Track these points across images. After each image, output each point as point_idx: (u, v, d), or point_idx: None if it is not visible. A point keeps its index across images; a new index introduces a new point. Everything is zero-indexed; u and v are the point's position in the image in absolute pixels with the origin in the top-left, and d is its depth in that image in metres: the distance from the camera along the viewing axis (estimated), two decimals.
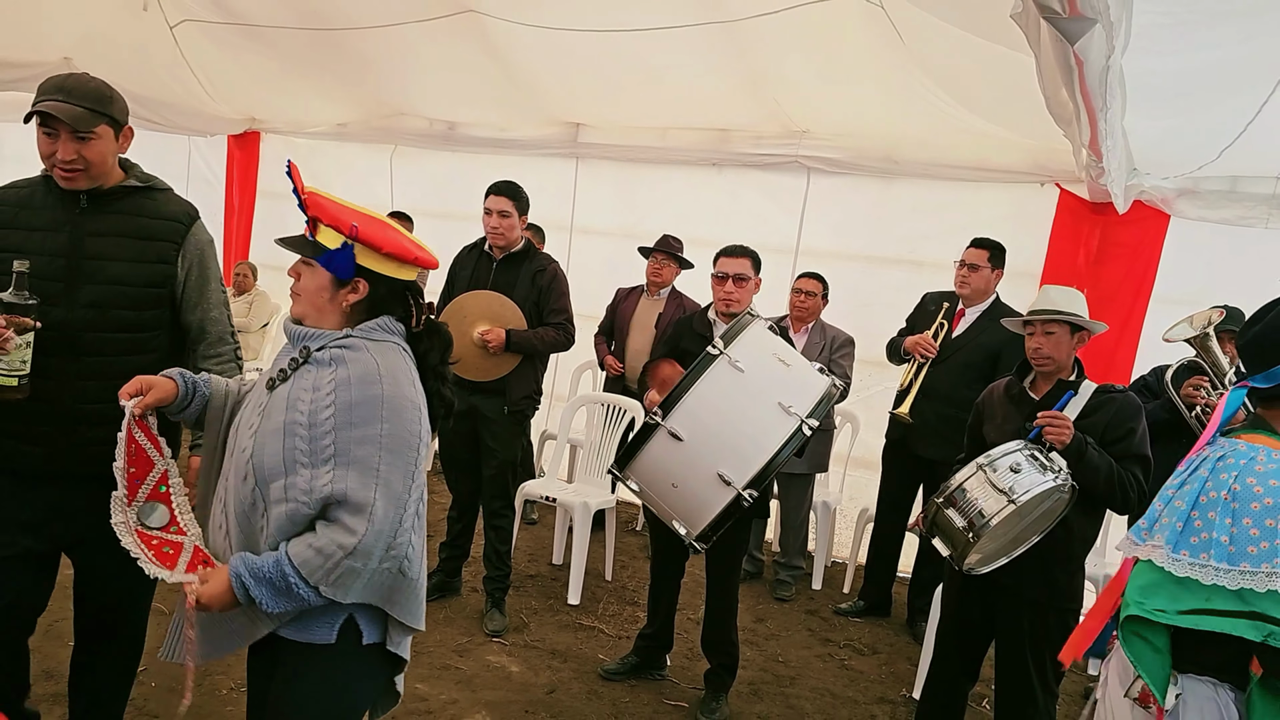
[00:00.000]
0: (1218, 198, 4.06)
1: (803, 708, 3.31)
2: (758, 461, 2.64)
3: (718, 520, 2.68)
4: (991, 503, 2.46)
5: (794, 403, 2.67)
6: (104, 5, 5.08)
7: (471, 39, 4.73)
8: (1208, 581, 1.66)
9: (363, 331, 1.69)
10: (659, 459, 2.71)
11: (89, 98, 2.07)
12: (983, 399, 2.87)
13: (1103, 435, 2.54)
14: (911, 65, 3.88)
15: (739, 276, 3.19)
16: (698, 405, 2.68)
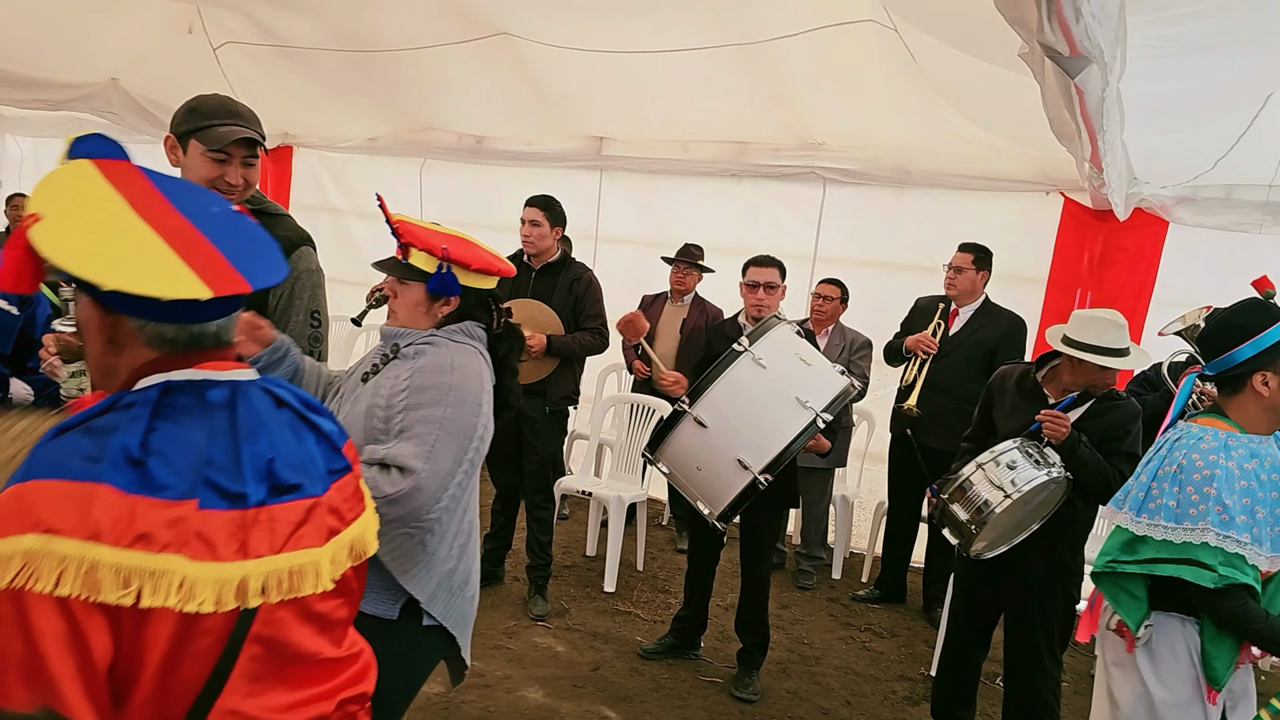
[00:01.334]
0: (1214, 205, 4.29)
1: (828, 684, 3.56)
2: (773, 449, 2.93)
3: (736, 501, 2.98)
4: (991, 496, 2.72)
5: (811, 398, 2.95)
6: (151, 28, 5.35)
7: (501, 58, 4.99)
8: (1159, 538, 2.10)
9: (446, 332, 1.89)
10: (685, 443, 3.02)
11: (254, 121, 2.12)
12: (994, 381, 3.10)
13: (1102, 436, 2.78)
14: (923, 83, 4.13)
15: (769, 285, 3.44)
16: (721, 396, 2.97)
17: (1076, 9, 1.75)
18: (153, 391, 1.08)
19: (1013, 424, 2.89)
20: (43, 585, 0.93)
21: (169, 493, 1.01)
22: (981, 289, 4.23)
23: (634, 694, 3.29)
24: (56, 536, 0.95)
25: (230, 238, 1.14)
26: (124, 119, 5.88)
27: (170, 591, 0.99)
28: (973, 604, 3.01)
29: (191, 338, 1.11)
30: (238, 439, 1.10)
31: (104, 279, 1.00)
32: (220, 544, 1.04)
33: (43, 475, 0.99)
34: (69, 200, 1.09)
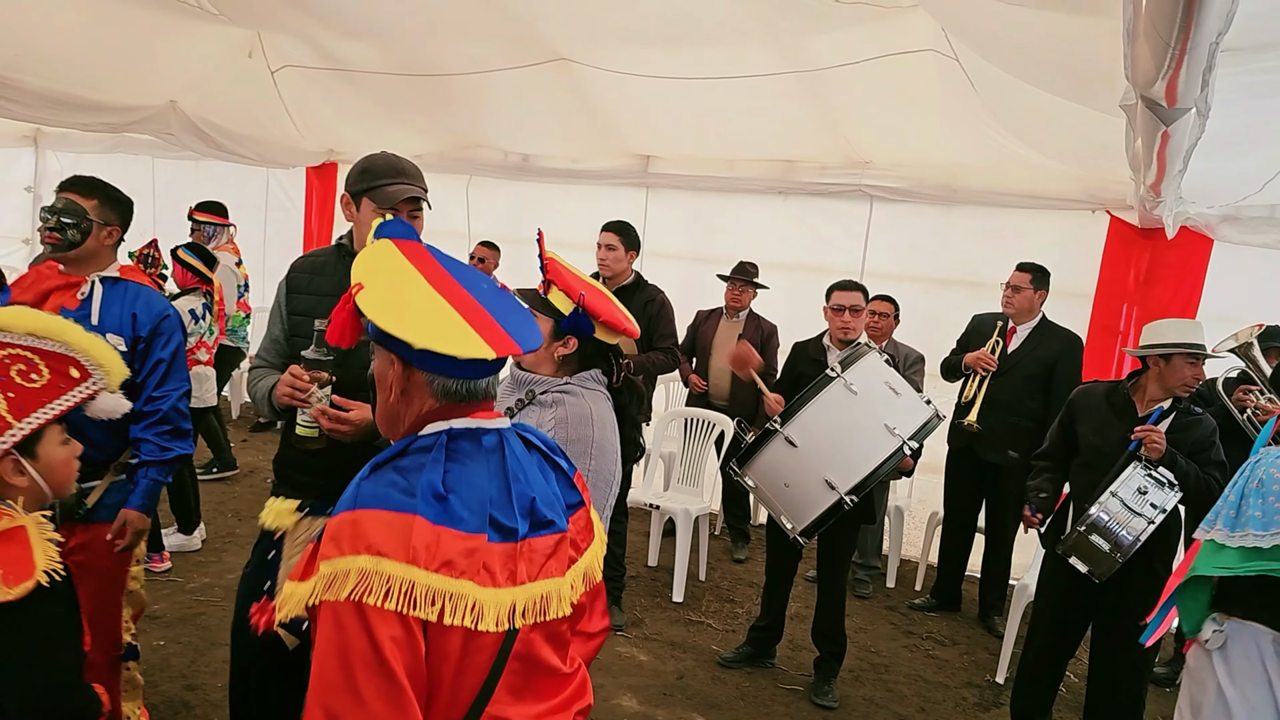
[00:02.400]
0: (1258, 223, 4.43)
1: (901, 691, 3.70)
2: (861, 471, 3.10)
3: (820, 519, 3.14)
4: (1133, 525, 2.86)
5: (899, 425, 3.10)
6: (212, 52, 5.49)
7: (553, 80, 5.12)
8: (1250, 545, 2.29)
9: (579, 380, 1.94)
10: (775, 460, 3.17)
11: (419, 179, 2.22)
12: (1077, 399, 3.24)
13: (1191, 449, 2.94)
14: (979, 108, 4.27)
15: (854, 308, 3.59)
16: (813, 417, 3.13)
17: (1192, 76, 1.89)
18: (442, 437, 1.26)
19: (1104, 439, 3.03)
20: (373, 599, 1.11)
21: (466, 526, 1.19)
22: (1039, 308, 4.37)
23: (721, 701, 3.43)
24: (384, 558, 1.13)
25: (501, 307, 1.33)
26: (181, 140, 6.02)
27: (466, 612, 1.16)
28: (1062, 615, 3.14)
29: (469, 390, 1.30)
30: (508, 480, 1.27)
31: (415, 339, 1.20)
32: (498, 572, 1.21)
33: (370, 505, 1.17)
34: (381, 273, 1.30)
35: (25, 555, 1.40)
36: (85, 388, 1.59)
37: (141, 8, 4.51)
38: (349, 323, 1.32)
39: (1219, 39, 1.65)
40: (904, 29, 3.86)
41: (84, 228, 2.47)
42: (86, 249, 2.49)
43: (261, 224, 7.70)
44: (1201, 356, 3.00)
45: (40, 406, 1.50)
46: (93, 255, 2.51)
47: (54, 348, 1.56)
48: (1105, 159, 4.23)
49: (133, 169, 8.19)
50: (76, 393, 1.57)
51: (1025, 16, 2.77)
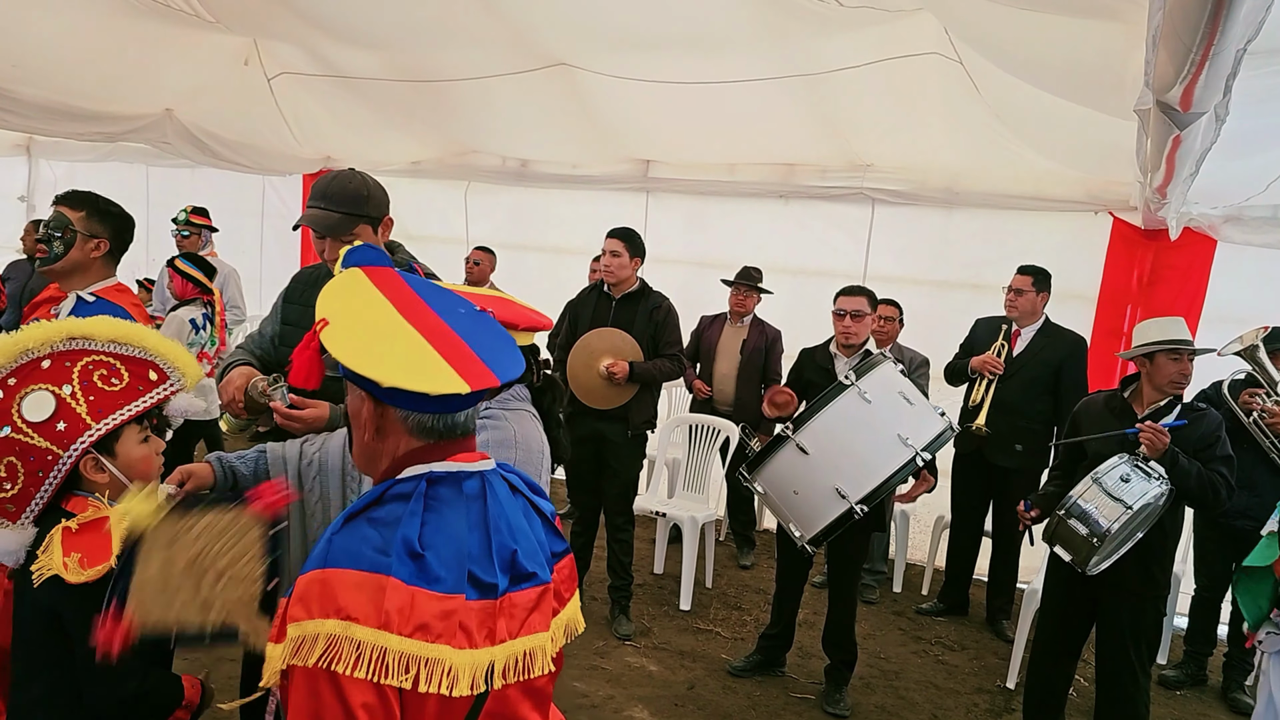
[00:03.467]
0: (1261, 224, 4.44)
1: (912, 698, 3.68)
2: (872, 481, 3.08)
3: (829, 528, 3.12)
4: (1110, 510, 2.84)
5: (912, 436, 3.08)
6: (208, 60, 5.44)
7: (552, 86, 5.09)
8: None
9: (499, 403, 1.86)
10: (785, 467, 3.15)
11: (347, 202, 2.27)
12: (1079, 410, 3.24)
13: (1196, 445, 2.92)
14: (981, 110, 4.26)
15: (855, 313, 3.57)
16: (825, 426, 3.11)
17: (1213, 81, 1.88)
18: (421, 484, 1.19)
19: (1106, 444, 3.02)
20: (342, 667, 1.05)
21: (442, 586, 1.12)
22: (1042, 310, 4.37)
23: (733, 711, 3.41)
24: (354, 624, 1.06)
25: (478, 336, 1.26)
26: (178, 148, 5.98)
27: (441, 678, 1.09)
28: (1064, 618, 3.13)
29: (446, 426, 1.23)
30: (489, 530, 1.20)
31: (382, 377, 1.13)
32: (474, 632, 1.14)
33: (340, 564, 1.10)
34: (348, 306, 1.23)
35: (105, 543, 1.50)
36: (162, 389, 1.67)
37: (137, 17, 4.47)
38: (313, 361, 1.26)
39: (1247, 44, 1.63)
40: (907, 32, 3.85)
41: (68, 239, 2.44)
42: (71, 260, 2.45)
43: (258, 231, 7.66)
44: (1183, 351, 2.99)
45: (118, 408, 1.60)
46: (78, 268, 2.47)
47: (134, 353, 1.66)
48: (1108, 160, 4.24)
49: (127, 177, 8.14)
50: (154, 394, 1.65)
51: (1032, 20, 2.76)
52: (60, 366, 1.58)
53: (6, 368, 1.57)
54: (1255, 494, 3.83)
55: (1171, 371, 3.00)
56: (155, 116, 5.79)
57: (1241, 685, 3.99)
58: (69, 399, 1.56)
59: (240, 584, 1.54)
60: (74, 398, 1.56)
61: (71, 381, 1.57)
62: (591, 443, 3.99)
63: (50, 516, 1.58)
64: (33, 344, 1.58)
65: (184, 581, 1.51)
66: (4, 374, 1.56)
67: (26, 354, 1.57)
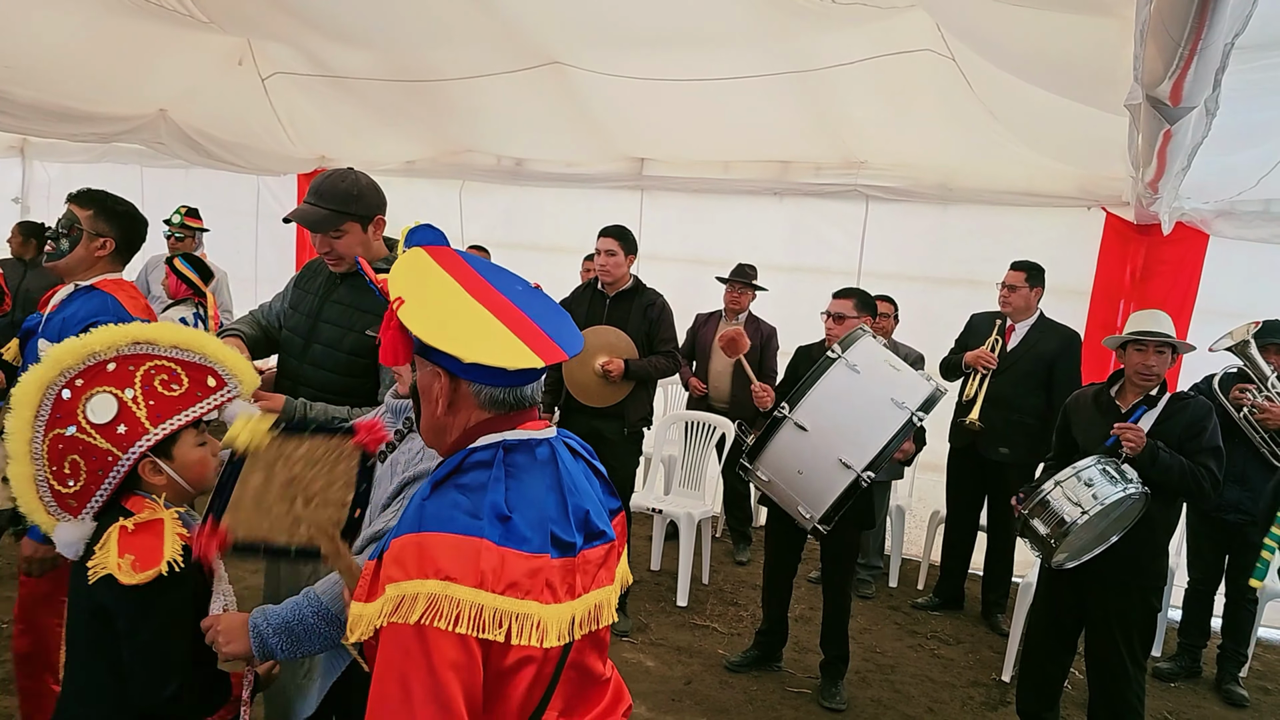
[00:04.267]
0: (1253, 218, 4.46)
1: (908, 692, 3.70)
2: (874, 446, 3.07)
3: (839, 501, 3.11)
4: (1069, 512, 2.89)
5: (905, 399, 3.09)
6: (202, 60, 5.44)
7: (547, 85, 5.10)
8: None
9: None
10: (786, 448, 3.14)
11: (336, 200, 2.33)
12: (1070, 404, 3.26)
13: (1180, 435, 2.94)
14: (974, 106, 4.27)
15: (838, 315, 3.59)
16: (820, 400, 3.12)
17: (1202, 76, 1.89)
18: (499, 452, 1.26)
19: (1092, 438, 3.04)
20: (444, 623, 1.10)
21: (529, 546, 1.18)
22: (1035, 305, 4.38)
23: (730, 706, 3.42)
24: (453, 583, 1.12)
25: (539, 311, 1.31)
26: (172, 149, 5.97)
27: (531, 631, 1.16)
28: (1055, 610, 3.15)
29: (516, 399, 1.29)
30: (564, 493, 1.28)
31: (465, 353, 1.19)
32: (558, 588, 1.21)
33: (436, 528, 1.16)
34: (420, 285, 1.27)
35: (157, 546, 1.55)
36: (219, 395, 1.70)
37: (131, 17, 4.46)
38: (398, 340, 1.28)
39: (1234, 39, 1.64)
40: (900, 29, 3.86)
41: (74, 237, 2.45)
42: (75, 257, 2.47)
43: (252, 232, 7.64)
44: (1147, 343, 3.01)
45: (176, 413, 1.63)
46: (82, 264, 2.48)
47: (194, 359, 1.70)
48: (1101, 156, 4.25)
49: (121, 178, 8.09)
50: (211, 400, 1.69)
51: (1025, 16, 2.78)
52: (124, 370, 1.62)
53: (75, 369, 1.61)
54: (1246, 488, 3.86)
55: (1135, 362, 3.04)
56: (149, 117, 5.78)
57: (1235, 677, 4.02)
58: (130, 403, 1.60)
59: (329, 508, 1.64)
60: (135, 402, 1.60)
61: (134, 385, 1.61)
62: (588, 440, 3.98)
63: (110, 513, 1.62)
64: (99, 346, 1.62)
65: (279, 499, 1.64)
66: (72, 375, 1.61)
67: (93, 356, 1.62)
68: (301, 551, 1.61)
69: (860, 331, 3.28)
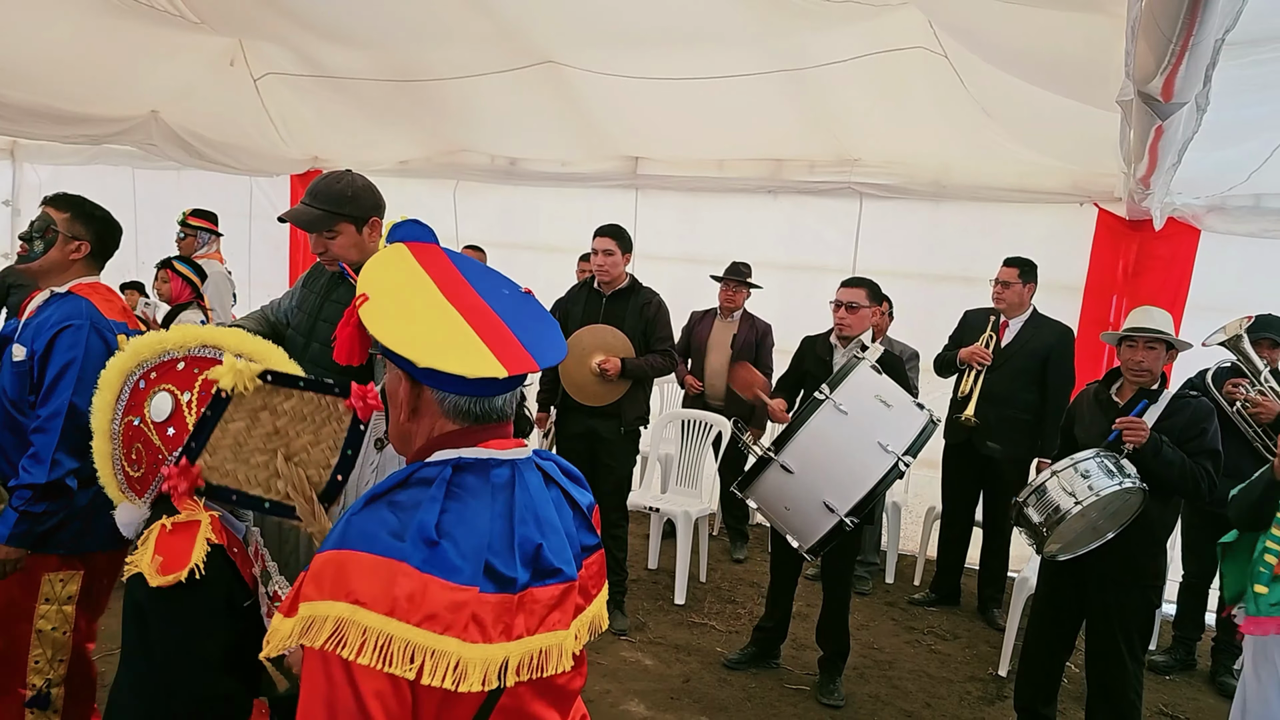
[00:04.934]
0: (1244, 213, 4.49)
1: (905, 688, 3.71)
2: (858, 492, 3.10)
3: (824, 539, 3.13)
4: (1063, 502, 2.91)
5: (891, 442, 3.10)
6: (193, 61, 5.42)
7: (540, 83, 5.09)
8: None
9: None
10: (773, 487, 3.16)
11: (330, 200, 2.37)
12: (1074, 403, 3.29)
13: (1180, 435, 2.95)
14: (967, 103, 4.29)
15: (850, 305, 3.59)
16: (805, 443, 3.12)
17: (1193, 71, 1.90)
18: (446, 470, 1.16)
19: (1092, 435, 3.05)
20: (347, 651, 1.03)
21: (457, 576, 1.08)
22: (1029, 301, 4.40)
23: (729, 704, 3.43)
24: (362, 608, 1.04)
25: (520, 318, 1.23)
26: (164, 150, 5.95)
27: (447, 671, 1.05)
28: (1055, 605, 3.17)
29: (483, 411, 1.20)
30: (513, 523, 1.17)
31: (418, 357, 1.11)
32: (489, 626, 1.10)
33: (355, 546, 1.08)
34: (389, 282, 1.21)
35: (187, 549, 1.53)
36: None
37: (121, 18, 4.44)
38: (355, 338, 1.22)
39: (1225, 35, 1.66)
40: (893, 26, 3.87)
41: (49, 239, 2.45)
42: (49, 260, 2.45)
43: (246, 232, 7.61)
44: (1137, 339, 3.02)
45: None
46: (56, 268, 2.47)
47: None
48: (1093, 152, 4.27)
49: (112, 180, 8.08)
50: None
51: (1017, 12, 2.79)
52: (189, 372, 1.64)
53: (150, 362, 1.65)
54: (1240, 482, 3.88)
55: (1126, 358, 3.06)
56: (140, 118, 5.76)
57: (1230, 669, 4.04)
58: (185, 406, 1.61)
59: (311, 467, 1.61)
60: (189, 406, 1.61)
61: (193, 389, 1.62)
62: (584, 439, 4.01)
63: (162, 506, 1.64)
64: (172, 344, 1.66)
65: (260, 449, 1.60)
66: (148, 368, 1.65)
67: (167, 353, 1.65)
68: (276, 506, 1.59)
69: (855, 360, 3.26)
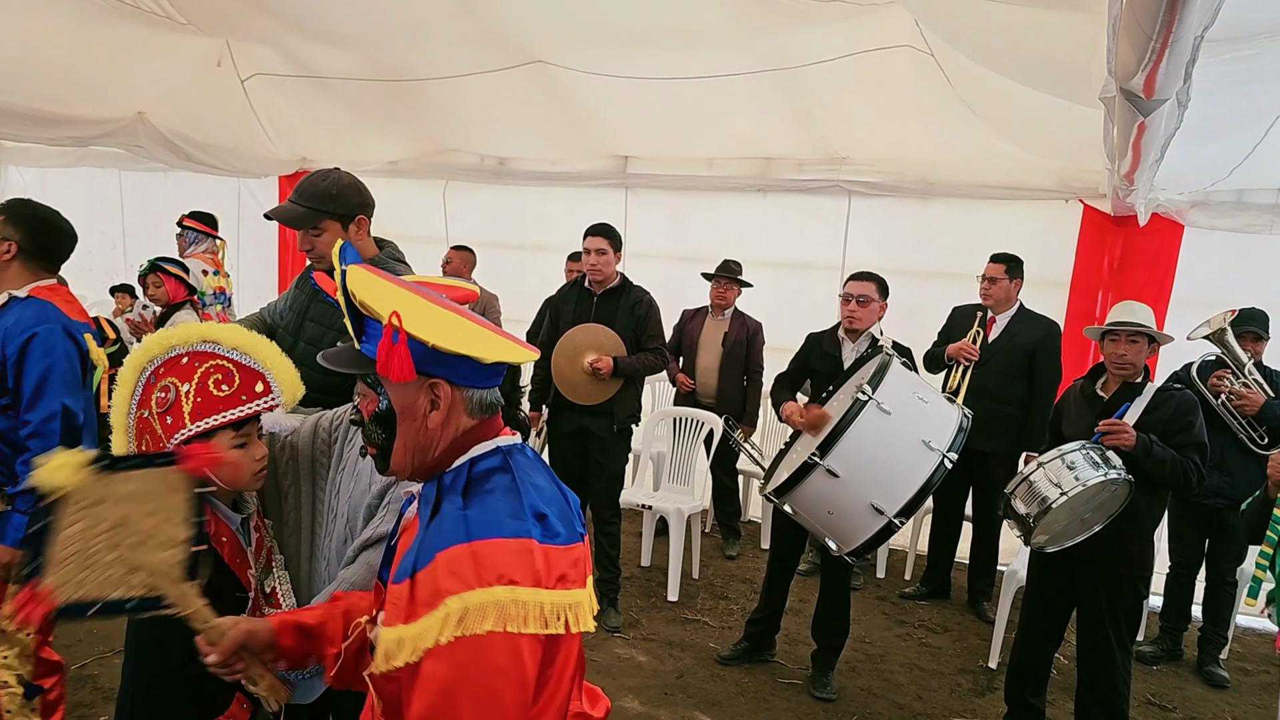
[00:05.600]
0: (1226, 208, 4.54)
1: (897, 680, 3.74)
2: (907, 493, 3.03)
3: (870, 542, 3.09)
4: (1049, 493, 2.93)
5: (934, 438, 3.07)
6: (180, 63, 5.40)
7: (529, 83, 5.10)
8: None
9: None
10: (818, 492, 3.09)
11: (314, 198, 2.37)
12: (1061, 399, 3.32)
13: (1166, 428, 2.98)
14: (953, 101, 4.32)
15: (861, 298, 3.62)
16: (851, 447, 3.05)
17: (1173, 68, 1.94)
18: (501, 457, 1.29)
19: (1079, 430, 3.09)
20: (514, 626, 1.14)
21: (562, 539, 1.22)
22: (1015, 296, 4.44)
23: (722, 698, 3.45)
24: (516, 586, 1.15)
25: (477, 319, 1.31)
26: (150, 152, 5.93)
27: (583, 617, 1.21)
28: (1046, 597, 3.20)
29: (494, 401, 1.32)
30: (561, 489, 1.34)
31: (485, 354, 1.20)
32: (583, 573, 1.26)
33: (487, 535, 1.17)
34: (401, 297, 1.23)
35: None
36: (262, 403, 1.73)
37: (107, 19, 4.43)
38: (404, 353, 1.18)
39: (1204, 32, 1.69)
40: (879, 25, 3.90)
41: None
42: None
43: (234, 234, 7.58)
44: (1120, 333, 3.06)
45: (216, 413, 1.68)
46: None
47: (250, 363, 1.75)
48: (1078, 149, 4.31)
49: (99, 183, 8.05)
50: (254, 405, 1.72)
51: (1000, 11, 2.82)
52: (191, 365, 1.71)
53: (160, 358, 1.72)
54: (1226, 474, 3.93)
55: (1109, 352, 3.09)
56: (127, 120, 5.74)
57: (1216, 659, 4.09)
58: (183, 396, 1.68)
59: (164, 549, 1.47)
60: (187, 396, 1.68)
61: (192, 380, 1.70)
62: (577, 437, 4.02)
63: None
64: (177, 340, 1.73)
65: (106, 547, 1.45)
66: (157, 363, 1.72)
67: (173, 349, 1.72)
68: (142, 603, 1.43)
69: (887, 357, 3.24)
